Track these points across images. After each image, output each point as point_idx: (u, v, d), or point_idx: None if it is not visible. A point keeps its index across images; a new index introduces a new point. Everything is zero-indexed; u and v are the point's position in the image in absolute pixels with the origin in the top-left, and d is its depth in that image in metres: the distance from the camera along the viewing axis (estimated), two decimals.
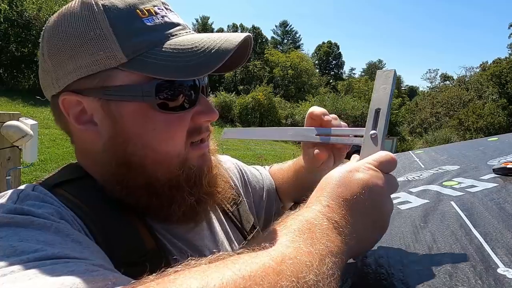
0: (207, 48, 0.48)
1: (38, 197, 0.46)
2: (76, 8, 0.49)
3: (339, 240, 0.39)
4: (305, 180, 0.79)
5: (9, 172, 2.73)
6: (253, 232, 0.73)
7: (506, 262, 0.43)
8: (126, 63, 0.47)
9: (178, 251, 0.56)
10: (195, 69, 0.47)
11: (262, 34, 46.35)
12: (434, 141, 22.76)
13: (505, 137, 1.16)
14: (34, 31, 17.33)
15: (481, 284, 0.39)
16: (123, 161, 0.51)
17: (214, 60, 0.47)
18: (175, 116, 0.50)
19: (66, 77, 0.50)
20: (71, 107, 0.51)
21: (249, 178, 0.85)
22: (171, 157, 0.52)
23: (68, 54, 0.49)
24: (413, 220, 0.62)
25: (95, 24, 0.47)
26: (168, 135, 0.51)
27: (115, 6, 0.48)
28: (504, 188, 0.71)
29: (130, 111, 0.49)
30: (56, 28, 0.50)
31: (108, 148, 0.51)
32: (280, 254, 0.34)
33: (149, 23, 0.48)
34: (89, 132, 0.52)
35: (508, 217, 0.57)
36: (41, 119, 10.32)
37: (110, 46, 0.47)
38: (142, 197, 0.52)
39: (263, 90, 27.15)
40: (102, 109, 0.50)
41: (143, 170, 0.51)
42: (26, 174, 5.97)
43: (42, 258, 0.35)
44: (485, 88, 30.54)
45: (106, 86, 0.49)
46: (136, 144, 0.50)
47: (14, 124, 2.61)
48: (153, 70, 0.46)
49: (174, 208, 0.53)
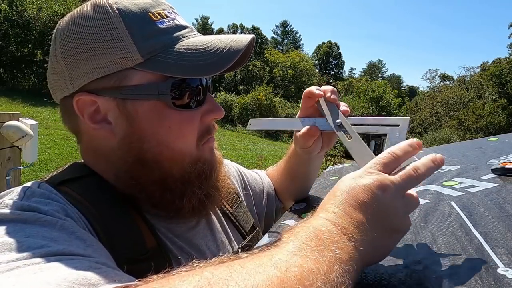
0: (218, 48, 0.50)
1: (44, 194, 0.47)
2: (90, 11, 0.51)
3: (349, 247, 0.37)
4: (298, 170, 0.82)
5: (9, 172, 2.74)
6: (252, 233, 0.74)
7: (506, 262, 0.43)
8: (142, 63, 0.49)
9: (178, 250, 0.56)
10: (210, 68, 0.49)
11: (262, 34, 46.33)
12: (434, 141, 22.75)
13: (505, 137, 1.16)
14: (34, 31, 17.33)
15: (481, 284, 0.39)
16: (138, 158, 0.52)
17: (226, 59, 0.50)
18: (188, 114, 0.53)
19: (82, 78, 0.51)
20: (86, 107, 0.52)
21: (249, 180, 0.86)
22: (184, 155, 0.54)
23: (84, 56, 0.50)
24: (413, 220, 0.62)
25: (112, 26, 0.49)
26: (182, 133, 0.53)
27: (129, 10, 0.50)
28: (504, 188, 0.71)
29: (146, 110, 0.51)
30: (70, 30, 0.51)
31: (123, 146, 0.53)
32: (285, 262, 0.33)
33: (162, 26, 0.51)
34: (103, 131, 0.53)
35: (508, 217, 0.57)
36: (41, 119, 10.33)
37: (127, 47, 0.48)
38: (155, 192, 0.54)
39: (263, 90, 27.16)
40: (117, 108, 0.51)
41: (158, 166, 0.53)
42: (26, 174, 5.97)
43: (47, 254, 0.36)
44: (485, 88, 30.55)
45: (122, 85, 0.50)
46: (151, 141, 0.52)
47: (14, 124, 2.61)
48: (169, 69, 0.49)
49: (186, 202, 0.55)
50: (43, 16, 17.40)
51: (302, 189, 0.87)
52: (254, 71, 33.48)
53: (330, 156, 10.86)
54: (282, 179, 0.90)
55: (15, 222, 0.40)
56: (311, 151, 0.71)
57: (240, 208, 0.75)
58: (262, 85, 29.71)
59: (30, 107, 13.00)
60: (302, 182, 0.86)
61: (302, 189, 0.87)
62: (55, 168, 0.69)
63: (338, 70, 53.73)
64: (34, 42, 17.65)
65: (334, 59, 52.58)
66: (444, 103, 31.03)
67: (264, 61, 35.43)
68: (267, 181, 0.92)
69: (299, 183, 0.86)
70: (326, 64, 52.28)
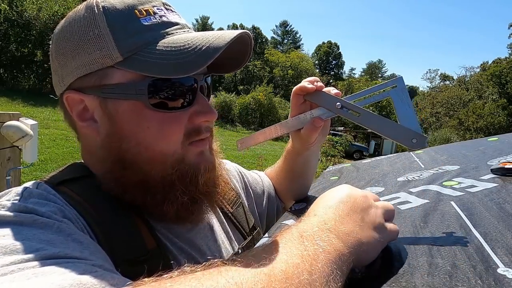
0: (197, 46, 0.48)
1: (42, 195, 0.46)
2: (81, 10, 0.52)
3: (333, 238, 0.40)
4: (297, 168, 0.84)
5: (9, 172, 2.74)
6: (253, 233, 0.74)
7: (506, 262, 0.43)
8: (121, 62, 0.48)
9: (179, 251, 0.56)
10: (187, 66, 0.47)
11: (262, 34, 46.36)
12: (434, 141, 22.76)
13: (505, 137, 1.16)
14: (34, 31, 17.33)
15: (481, 284, 0.39)
16: (118, 158, 0.52)
17: (202, 59, 0.47)
18: (169, 115, 0.51)
19: (68, 76, 0.52)
20: (74, 104, 0.53)
21: (249, 181, 0.87)
22: (165, 156, 0.52)
23: (70, 54, 0.51)
24: (413, 220, 0.62)
25: (94, 25, 0.49)
26: (162, 134, 0.51)
27: (114, 7, 0.49)
28: (504, 188, 0.71)
29: (125, 109, 0.50)
30: (62, 30, 0.53)
31: (105, 145, 0.53)
32: (271, 260, 0.35)
33: (146, 23, 0.49)
34: (90, 129, 0.53)
35: (508, 217, 0.57)
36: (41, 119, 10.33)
37: (107, 45, 0.48)
38: (137, 195, 0.53)
39: (263, 90, 27.17)
40: (100, 107, 0.51)
41: (137, 167, 0.52)
42: (26, 174, 5.97)
43: (43, 258, 0.35)
44: (485, 88, 30.54)
45: (103, 84, 0.50)
46: (130, 141, 0.51)
47: (14, 124, 2.61)
48: (144, 68, 0.48)
49: (167, 206, 0.53)
50: (43, 16, 17.40)
51: (302, 186, 0.88)
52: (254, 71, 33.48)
53: (330, 156, 10.84)
54: (281, 178, 0.90)
55: (12, 224, 0.39)
56: (312, 145, 0.74)
57: (241, 209, 0.75)
58: (262, 85, 29.70)
59: (30, 107, 13.01)
60: (301, 180, 0.87)
61: (302, 186, 0.88)
62: (55, 168, 0.69)
63: (338, 70, 53.71)
64: (34, 42, 17.66)
65: (334, 59, 52.57)
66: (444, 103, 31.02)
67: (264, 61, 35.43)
68: (267, 181, 0.92)
69: (299, 181, 0.87)
70: (326, 64, 52.26)
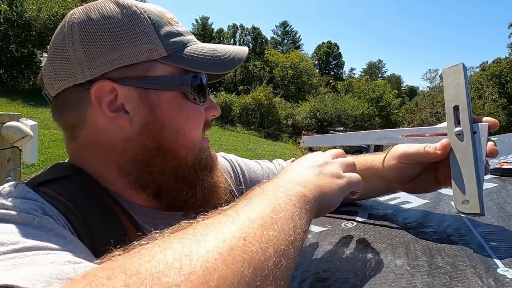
0: (225, 54, 0.59)
1: (20, 194, 0.46)
2: (114, 7, 0.54)
3: (294, 185, 0.46)
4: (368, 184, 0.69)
5: (9, 172, 2.74)
6: None
7: (506, 262, 0.43)
8: (166, 57, 0.54)
9: None
10: (220, 67, 0.58)
11: (262, 34, 46.46)
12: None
13: (505, 137, 1.16)
14: (34, 31, 17.36)
15: (481, 285, 0.39)
16: (157, 145, 0.55)
17: (232, 63, 0.59)
18: (199, 107, 0.59)
19: (105, 65, 0.52)
20: (104, 94, 0.53)
21: (243, 172, 0.85)
22: (195, 144, 0.59)
23: (110, 44, 0.52)
24: (413, 220, 0.62)
25: (139, 21, 0.54)
26: (196, 123, 0.59)
27: (152, 12, 0.56)
28: (504, 188, 0.71)
29: (167, 99, 0.55)
30: (91, 20, 0.53)
31: (143, 133, 0.55)
32: (233, 211, 0.38)
33: (177, 29, 0.58)
34: (120, 120, 0.54)
35: (508, 217, 0.57)
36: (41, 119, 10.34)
37: (154, 41, 0.53)
38: (169, 180, 0.57)
39: (263, 90, 27.22)
40: (139, 97, 0.54)
41: (174, 154, 0.56)
42: (26, 175, 5.93)
43: (22, 250, 0.35)
44: (485, 88, 30.57)
45: (146, 76, 0.54)
46: (170, 129, 0.56)
47: (14, 125, 2.61)
48: (191, 64, 0.56)
49: (198, 188, 0.59)
50: (43, 16, 17.44)
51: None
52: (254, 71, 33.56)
53: None
54: None
55: None
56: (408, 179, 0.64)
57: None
58: (262, 85, 29.76)
59: (30, 107, 13.03)
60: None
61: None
62: None
63: (338, 70, 53.76)
64: (34, 43, 17.69)
65: (334, 59, 52.62)
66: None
67: (264, 61, 35.51)
68: (273, 172, 0.89)
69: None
70: (326, 64, 52.31)
